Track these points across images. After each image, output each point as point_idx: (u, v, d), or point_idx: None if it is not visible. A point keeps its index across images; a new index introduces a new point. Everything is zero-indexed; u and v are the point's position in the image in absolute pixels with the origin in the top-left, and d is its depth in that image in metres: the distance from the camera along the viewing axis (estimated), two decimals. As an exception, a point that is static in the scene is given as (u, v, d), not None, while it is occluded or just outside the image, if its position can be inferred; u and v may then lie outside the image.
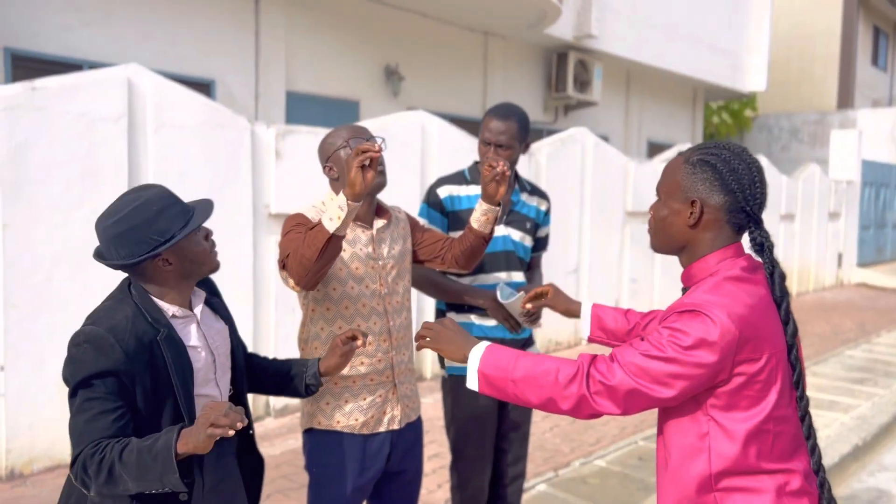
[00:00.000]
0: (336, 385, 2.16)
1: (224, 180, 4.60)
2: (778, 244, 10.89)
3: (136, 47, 6.74)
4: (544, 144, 6.92)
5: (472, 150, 6.09)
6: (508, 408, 2.82)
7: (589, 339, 2.09)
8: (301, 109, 8.10)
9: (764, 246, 1.55)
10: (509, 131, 2.65)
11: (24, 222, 3.79)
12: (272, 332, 4.94)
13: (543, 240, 2.98)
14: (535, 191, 2.94)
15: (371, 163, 1.83)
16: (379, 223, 2.24)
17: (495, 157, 2.20)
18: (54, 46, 6.30)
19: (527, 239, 2.82)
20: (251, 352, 2.11)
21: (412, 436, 2.32)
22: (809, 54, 19.52)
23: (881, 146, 15.93)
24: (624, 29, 11.24)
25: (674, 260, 1.83)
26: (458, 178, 2.80)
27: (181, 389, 1.67)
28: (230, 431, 1.43)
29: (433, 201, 2.75)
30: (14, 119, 3.72)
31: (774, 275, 1.54)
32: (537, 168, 6.75)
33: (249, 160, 4.73)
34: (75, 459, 1.57)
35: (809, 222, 11.82)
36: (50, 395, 3.90)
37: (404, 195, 5.25)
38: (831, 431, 5.03)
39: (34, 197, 3.81)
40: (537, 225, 2.89)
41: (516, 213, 2.81)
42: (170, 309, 1.73)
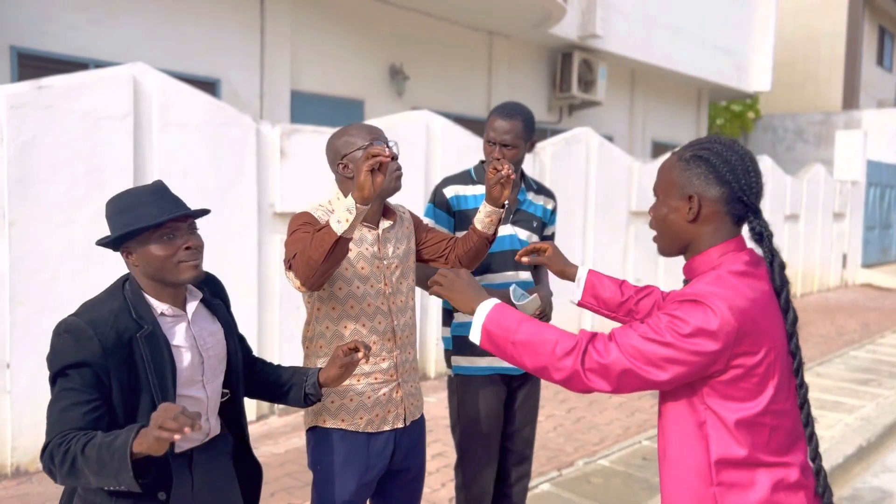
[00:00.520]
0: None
1: (229, 179, 4.61)
2: (782, 245, 10.94)
3: (142, 46, 6.76)
4: (549, 144, 6.93)
5: (477, 150, 6.10)
6: (515, 408, 2.81)
7: (579, 304, 2.09)
8: (306, 108, 8.12)
9: (763, 235, 1.57)
10: (514, 130, 2.65)
11: (31, 220, 3.81)
12: (276, 330, 4.95)
13: (550, 238, 2.97)
14: (542, 189, 2.94)
15: (381, 167, 1.83)
16: (385, 223, 2.24)
17: (501, 161, 2.21)
18: (60, 45, 6.33)
19: (533, 238, 2.82)
20: (257, 356, 2.10)
21: (416, 434, 2.32)
22: (815, 54, 19.48)
23: (886, 147, 15.88)
24: (629, 29, 11.23)
25: (677, 260, 1.83)
26: (464, 178, 2.80)
27: (158, 388, 1.66)
28: (176, 436, 1.38)
29: (439, 201, 2.75)
30: (21, 117, 3.74)
31: (774, 263, 1.55)
32: (542, 168, 6.75)
33: (254, 159, 4.74)
34: (45, 448, 1.57)
35: (814, 223, 11.80)
36: (55, 393, 3.91)
37: (409, 194, 5.26)
38: (835, 432, 5.02)
39: (40, 195, 3.83)
40: (544, 224, 2.89)
41: (523, 212, 2.80)
42: (160, 307, 1.73)
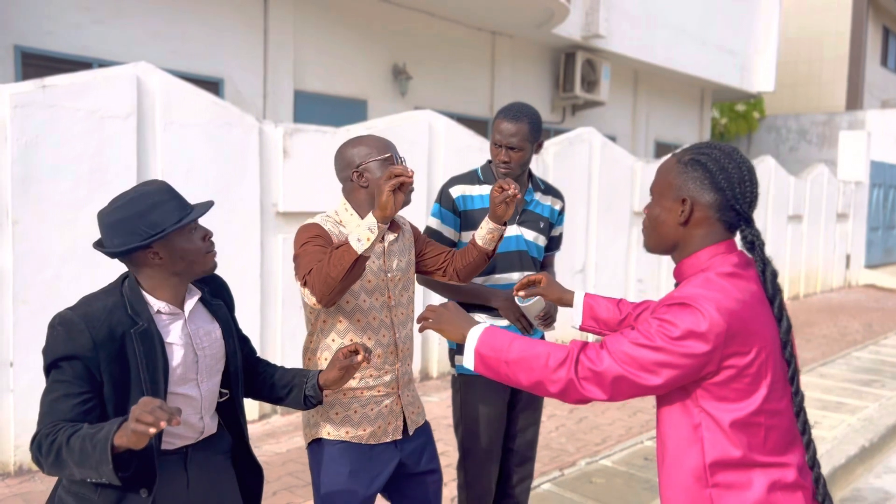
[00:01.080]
0: (344, 396, 2.17)
1: (232, 178, 4.62)
2: (786, 245, 10.93)
3: (146, 45, 6.78)
4: (552, 144, 6.93)
5: (480, 150, 6.10)
6: (518, 409, 2.81)
7: (581, 328, 2.16)
8: (309, 108, 8.12)
9: (755, 244, 1.58)
10: (520, 133, 2.63)
11: (34, 218, 3.82)
12: (279, 329, 4.96)
13: (557, 239, 2.95)
14: (550, 190, 2.91)
15: (402, 186, 1.88)
16: (390, 236, 2.25)
17: (507, 180, 2.21)
18: (64, 44, 6.34)
19: (540, 239, 2.80)
20: (261, 358, 2.10)
21: (423, 439, 2.33)
22: (818, 55, 19.44)
23: (890, 147, 15.84)
24: (632, 29, 11.22)
25: None
26: (471, 178, 2.79)
27: (149, 384, 1.68)
28: (152, 430, 1.38)
29: (445, 201, 2.74)
30: (24, 116, 3.75)
31: (766, 272, 1.56)
32: (545, 167, 6.75)
33: (257, 158, 4.74)
34: (34, 438, 1.61)
35: (817, 223, 11.78)
36: (58, 391, 3.92)
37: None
38: (838, 433, 5.01)
39: (44, 193, 3.84)
40: (551, 224, 2.86)
41: (530, 213, 2.78)
42: (157, 304, 1.74)
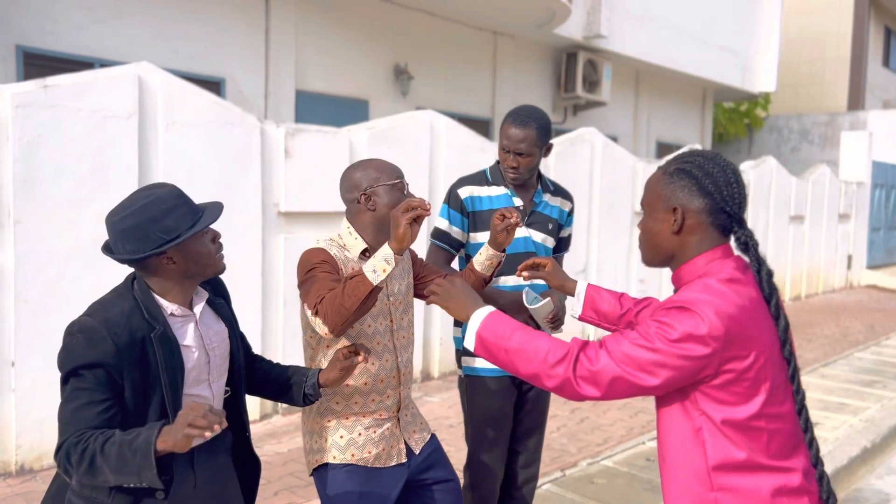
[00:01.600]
0: (347, 419, 2.16)
1: (233, 178, 4.62)
2: (787, 246, 10.91)
3: (148, 45, 6.78)
4: (553, 144, 6.91)
5: (481, 150, 6.10)
6: (524, 411, 2.80)
7: (580, 318, 2.16)
8: (310, 108, 8.13)
9: (749, 245, 1.59)
10: (528, 139, 2.63)
11: (36, 218, 3.82)
12: (280, 329, 4.96)
13: (566, 240, 2.94)
14: (559, 191, 2.89)
15: (418, 218, 1.89)
16: None
17: (509, 208, 2.23)
18: (66, 44, 6.35)
19: (548, 240, 2.79)
20: (258, 354, 2.11)
21: (430, 450, 2.32)
22: (820, 55, 19.42)
23: (892, 147, 15.82)
24: (633, 29, 11.22)
25: None
26: (479, 179, 2.78)
27: (169, 388, 1.68)
28: (207, 433, 1.42)
29: (454, 202, 2.74)
30: (26, 116, 3.75)
31: (761, 272, 1.57)
32: (546, 168, 6.74)
33: (259, 158, 4.75)
34: (60, 447, 1.59)
35: (819, 224, 11.77)
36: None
37: (413, 194, 5.26)
38: (840, 434, 5.01)
39: (46, 193, 3.84)
40: (560, 226, 2.85)
41: (538, 214, 2.77)
42: (169, 307, 1.74)
